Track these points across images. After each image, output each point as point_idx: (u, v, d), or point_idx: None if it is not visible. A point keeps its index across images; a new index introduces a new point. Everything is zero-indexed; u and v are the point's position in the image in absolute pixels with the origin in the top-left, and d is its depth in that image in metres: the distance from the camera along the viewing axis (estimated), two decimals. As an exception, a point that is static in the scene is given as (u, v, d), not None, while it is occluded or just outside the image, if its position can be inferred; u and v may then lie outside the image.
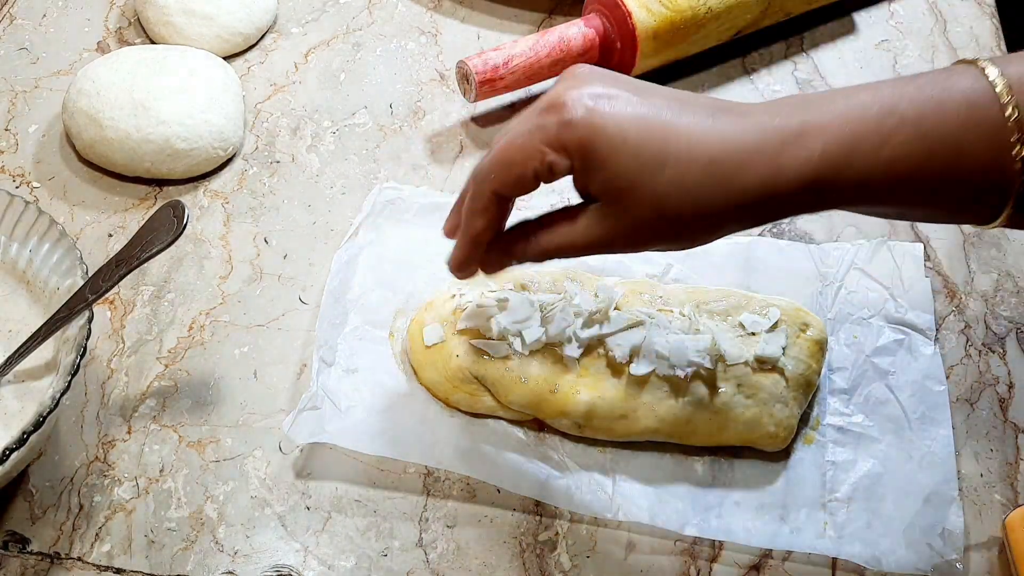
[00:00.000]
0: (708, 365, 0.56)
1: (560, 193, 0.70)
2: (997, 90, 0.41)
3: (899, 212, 0.45)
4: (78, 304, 0.54)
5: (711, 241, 0.46)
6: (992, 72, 0.42)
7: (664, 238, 0.45)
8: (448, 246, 0.65)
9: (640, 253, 0.63)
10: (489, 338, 0.57)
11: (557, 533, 0.55)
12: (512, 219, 0.67)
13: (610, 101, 0.43)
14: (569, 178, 0.71)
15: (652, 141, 0.42)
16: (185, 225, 0.54)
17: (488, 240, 0.48)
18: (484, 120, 0.74)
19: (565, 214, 0.46)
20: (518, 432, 0.58)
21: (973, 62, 0.43)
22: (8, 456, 0.48)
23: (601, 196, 0.45)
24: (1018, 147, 0.41)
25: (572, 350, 0.56)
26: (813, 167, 0.42)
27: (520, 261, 0.49)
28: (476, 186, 0.47)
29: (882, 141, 0.42)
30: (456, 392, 0.57)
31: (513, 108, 0.75)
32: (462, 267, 0.50)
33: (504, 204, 0.47)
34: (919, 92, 0.42)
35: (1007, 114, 0.41)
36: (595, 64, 0.75)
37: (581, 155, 0.43)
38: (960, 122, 0.41)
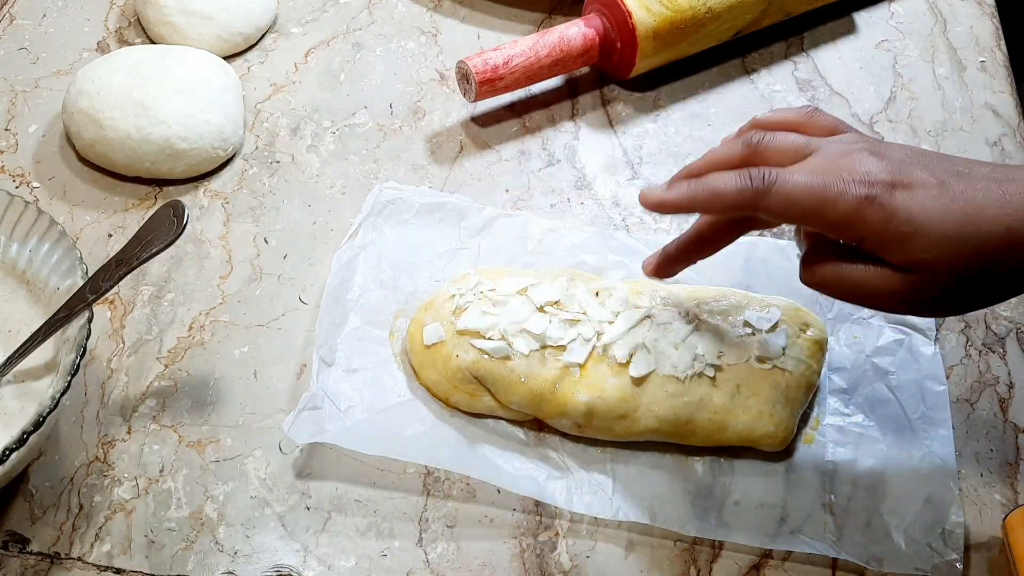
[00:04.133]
0: (708, 364, 0.56)
1: (560, 193, 0.70)
2: None
3: None
4: (78, 304, 0.54)
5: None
6: None
7: (958, 303, 0.48)
8: (445, 244, 0.65)
9: (641, 254, 0.64)
10: (489, 338, 0.57)
11: (557, 533, 0.55)
12: (512, 219, 0.67)
13: (910, 190, 0.46)
14: (566, 177, 0.71)
15: (954, 218, 0.46)
16: (185, 225, 0.54)
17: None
18: (484, 120, 0.74)
19: (864, 261, 0.48)
20: (518, 432, 0.58)
21: None
22: (8, 456, 0.48)
23: (898, 263, 0.47)
24: None
25: (575, 355, 0.56)
26: None
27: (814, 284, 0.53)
28: (762, 193, 0.48)
29: None
30: (456, 392, 0.57)
31: (513, 108, 0.75)
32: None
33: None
34: None
35: None
36: (595, 64, 0.76)
37: (894, 241, 0.46)
38: None
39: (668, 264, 0.57)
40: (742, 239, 0.65)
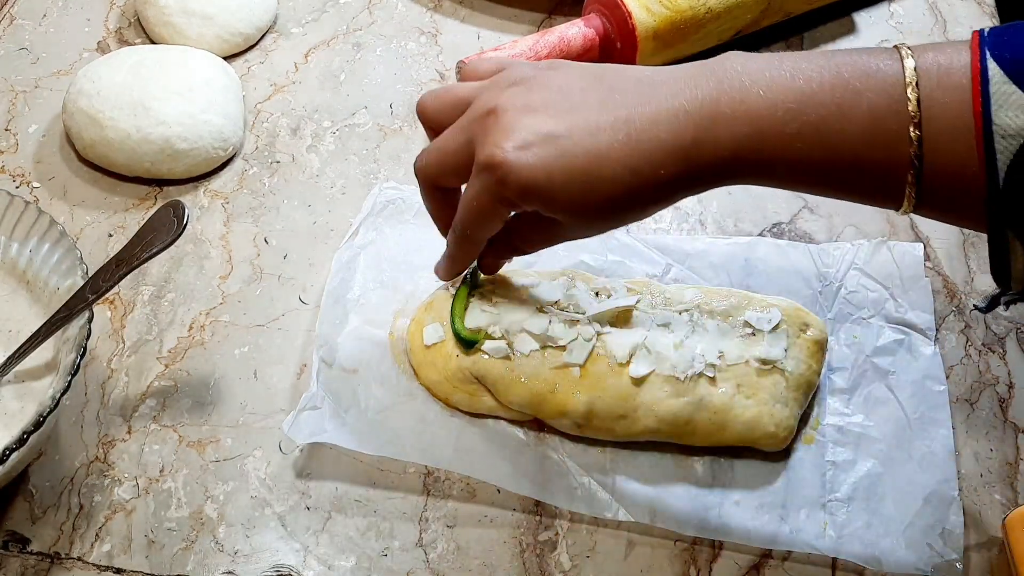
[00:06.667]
0: (708, 364, 0.56)
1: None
2: (908, 93, 0.44)
3: (812, 192, 0.49)
4: (78, 304, 0.54)
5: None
6: (909, 65, 0.44)
7: (606, 226, 0.53)
8: (445, 244, 0.65)
9: (640, 254, 0.64)
10: (489, 338, 0.57)
11: (557, 533, 0.55)
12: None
13: (531, 150, 0.48)
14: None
15: (578, 176, 0.48)
16: (185, 225, 0.54)
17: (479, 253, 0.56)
18: (484, 120, 0.74)
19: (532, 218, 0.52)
20: (518, 432, 0.58)
21: (898, 49, 0.45)
22: (8, 456, 0.48)
23: (549, 214, 0.50)
24: (914, 147, 0.43)
25: (575, 355, 0.56)
26: (723, 160, 0.47)
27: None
28: (460, 237, 0.54)
29: (786, 143, 0.46)
30: (456, 392, 0.57)
31: (513, 108, 0.75)
32: (451, 275, 0.58)
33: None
34: (830, 95, 0.45)
35: (910, 133, 0.43)
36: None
37: (524, 201, 0.49)
38: (862, 137, 0.45)
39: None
40: (741, 239, 0.66)
